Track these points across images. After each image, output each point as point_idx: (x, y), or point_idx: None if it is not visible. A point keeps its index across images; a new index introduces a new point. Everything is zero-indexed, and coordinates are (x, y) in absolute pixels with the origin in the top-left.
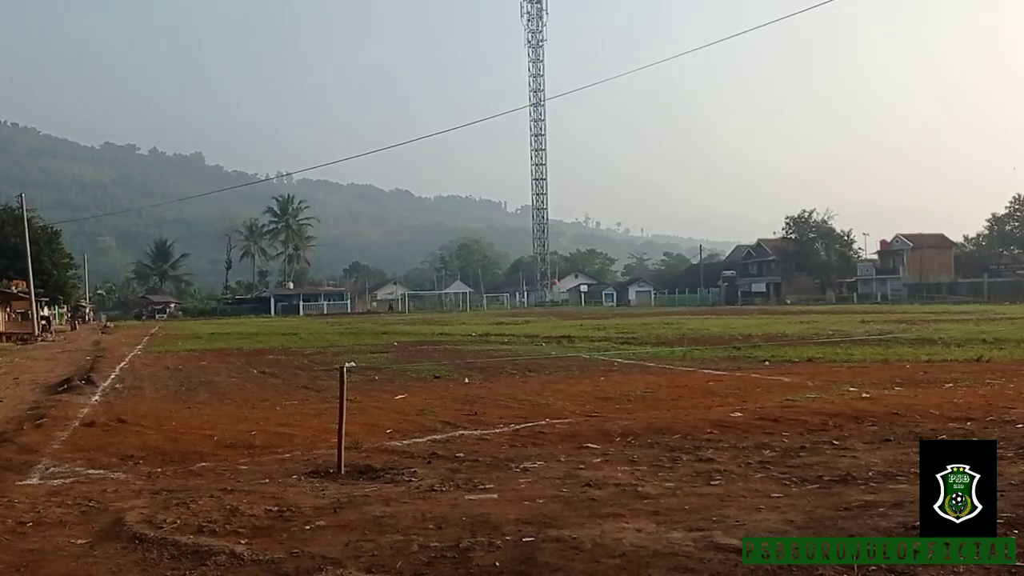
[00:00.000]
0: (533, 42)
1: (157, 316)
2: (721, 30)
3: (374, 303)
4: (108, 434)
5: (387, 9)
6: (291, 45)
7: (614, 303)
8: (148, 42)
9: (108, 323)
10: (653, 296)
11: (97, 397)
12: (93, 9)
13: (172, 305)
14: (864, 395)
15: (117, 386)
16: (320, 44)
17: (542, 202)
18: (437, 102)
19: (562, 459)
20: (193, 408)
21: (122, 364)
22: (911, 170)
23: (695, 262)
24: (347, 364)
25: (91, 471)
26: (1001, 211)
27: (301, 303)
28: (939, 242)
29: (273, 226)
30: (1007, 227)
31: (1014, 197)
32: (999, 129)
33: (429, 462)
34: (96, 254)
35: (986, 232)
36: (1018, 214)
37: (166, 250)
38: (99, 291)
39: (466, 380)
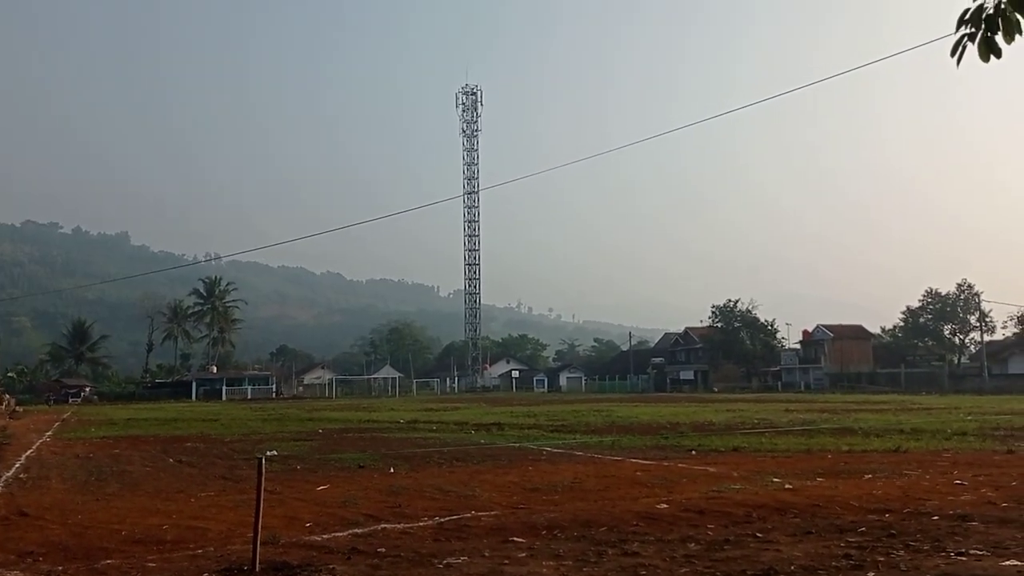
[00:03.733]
0: (468, 131)
1: (71, 400)
2: (658, 121)
3: (300, 388)
4: (7, 529)
5: (322, 92)
6: (221, 125)
7: (545, 389)
8: (74, 119)
9: (17, 407)
10: (584, 382)
11: None
12: (11, 83)
13: (87, 389)
14: (787, 486)
15: (21, 476)
16: (251, 125)
17: (474, 287)
18: (372, 186)
19: (487, 554)
20: (102, 500)
21: (28, 452)
22: (830, 264)
23: (625, 349)
24: (267, 453)
25: None
26: (915, 304)
27: (224, 387)
28: (858, 333)
29: (199, 308)
30: (920, 319)
31: (927, 291)
32: (899, 237)
33: (349, 558)
34: (9, 335)
35: (902, 324)
36: (930, 307)
37: (84, 331)
38: (9, 374)
39: (391, 470)
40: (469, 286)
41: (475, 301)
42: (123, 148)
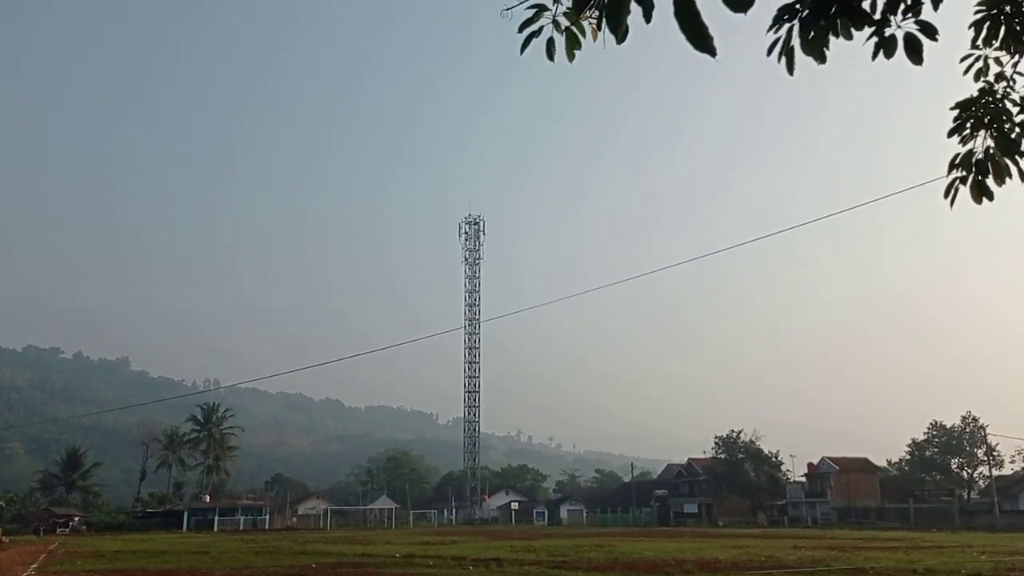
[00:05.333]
0: (470, 260)
1: (59, 531)
2: (653, 258)
3: (294, 518)
4: None
5: (322, 219)
6: (225, 251)
7: (545, 522)
8: (76, 244)
9: (3, 538)
10: (585, 515)
11: None
12: (16, 210)
13: (76, 519)
14: None
15: None
16: (252, 249)
17: (474, 415)
18: (373, 313)
19: None
20: None
21: None
22: (834, 395)
23: (627, 480)
24: None
25: None
26: (921, 436)
27: (216, 518)
28: (864, 466)
29: (195, 435)
30: (927, 452)
31: (932, 423)
32: (910, 365)
33: None
34: (1, 461)
35: (908, 457)
36: (936, 440)
37: (77, 459)
38: None
39: None
40: (469, 414)
41: (474, 430)
42: (127, 278)
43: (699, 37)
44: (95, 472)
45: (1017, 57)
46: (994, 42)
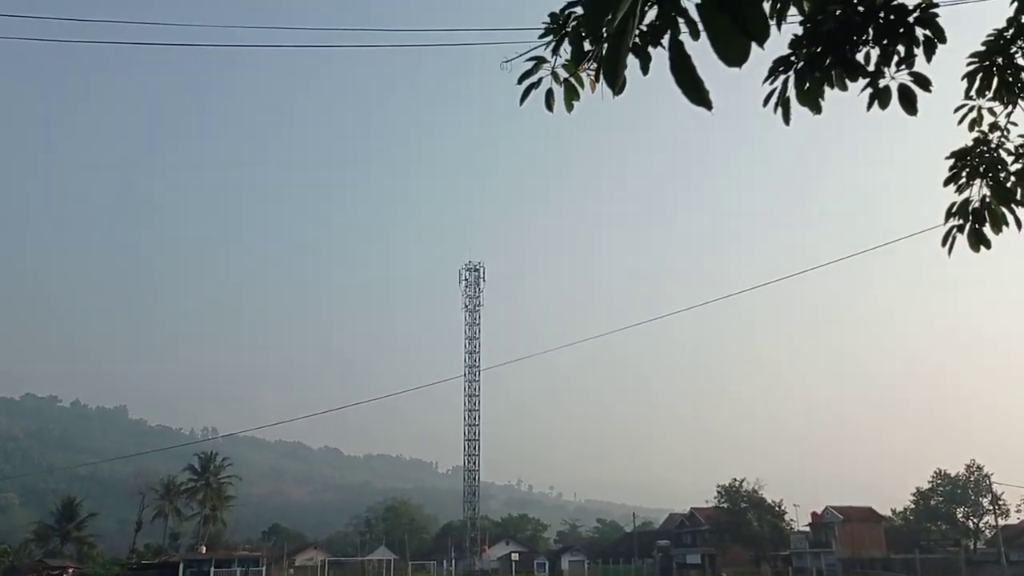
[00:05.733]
0: (470, 307)
1: None
2: (664, 299)
3: (291, 570)
4: None
5: (326, 271)
6: (226, 298)
7: (546, 573)
8: (81, 289)
9: None
10: (587, 566)
11: None
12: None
13: (70, 570)
14: None
15: None
16: (251, 299)
17: (474, 463)
18: (373, 360)
19: None
20: None
21: None
22: (835, 440)
23: (629, 530)
24: None
25: None
26: (925, 485)
27: (213, 569)
28: (868, 515)
29: (192, 484)
30: (932, 502)
31: (936, 472)
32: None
33: None
34: None
35: (913, 506)
36: (941, 489)
37: (73, 509)
38: None
39: None
40: (468, 463)
41: (474, 479)
42: (125, 327)
43: (695, 91)
44: (90, 523)
45: (1010, 107)
46: (987, 93)
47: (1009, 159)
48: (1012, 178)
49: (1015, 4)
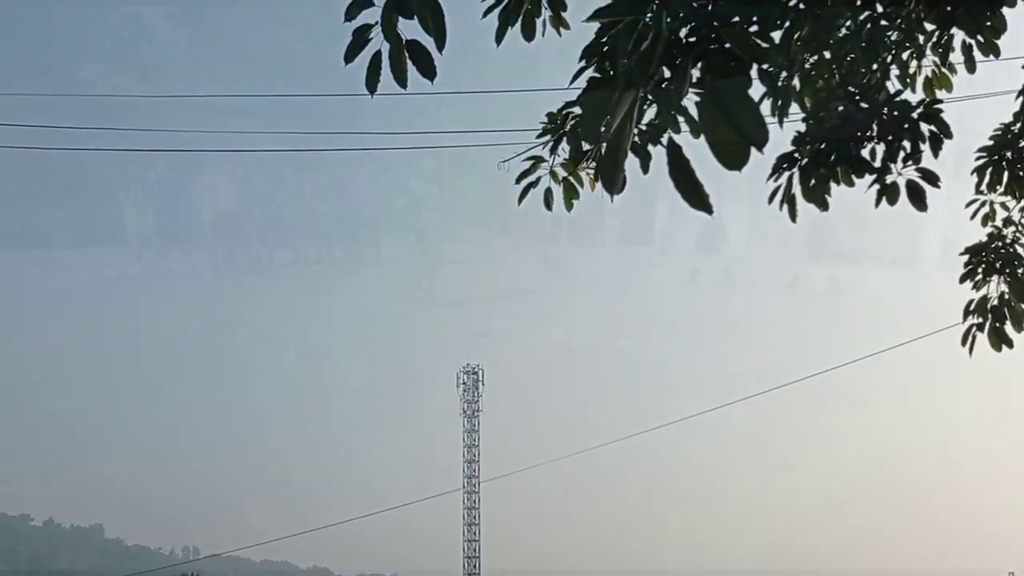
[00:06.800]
0: (468, 412)
1: None
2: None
3: None
4: None
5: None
6: (204, 415)
7: None
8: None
9: None
10: None
11: None
12: None
13: None
14: None
15: None
16: (228, 412)
17: None
18: (366, 469)
19: None
20: None
21: None
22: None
23: None
24: None
25: None
26: None
27: None
28: None
29: None
30: None
31: None
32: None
33: None
34: None
35: None
36: None
37: None
38: None
39: None
40: None
41: None
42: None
43: (694, 195)
44: None
45: (1023, 202)
46: (998, 187)
47: None
48: None
49: (1022, 99)
